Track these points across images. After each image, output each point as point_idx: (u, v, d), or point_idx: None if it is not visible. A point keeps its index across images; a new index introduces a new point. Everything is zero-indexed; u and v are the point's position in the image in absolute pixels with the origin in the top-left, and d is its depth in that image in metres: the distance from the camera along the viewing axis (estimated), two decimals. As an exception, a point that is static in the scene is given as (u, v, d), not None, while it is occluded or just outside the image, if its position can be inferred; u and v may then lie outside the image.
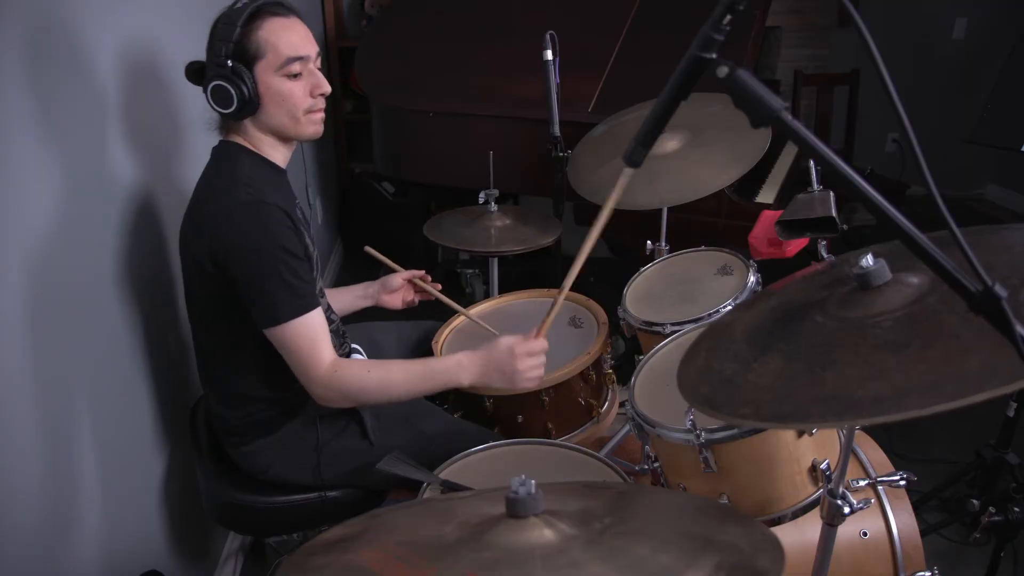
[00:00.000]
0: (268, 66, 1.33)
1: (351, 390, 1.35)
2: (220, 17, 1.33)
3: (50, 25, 1.28)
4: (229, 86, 1.30)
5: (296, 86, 1.36)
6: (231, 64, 1.30)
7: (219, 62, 1.30)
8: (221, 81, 1.30)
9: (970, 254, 0.62)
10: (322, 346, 1.34)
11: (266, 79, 1.33)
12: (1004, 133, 2.12)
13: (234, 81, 1.30)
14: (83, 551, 1.30)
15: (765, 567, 0.65)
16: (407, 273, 1.79)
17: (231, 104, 1.32)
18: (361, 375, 1.36)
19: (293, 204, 1.44)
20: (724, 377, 0.82)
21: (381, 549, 0.74)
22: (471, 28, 2.79)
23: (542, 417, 1.55)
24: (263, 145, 1.42)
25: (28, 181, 1.18)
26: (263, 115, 1.37)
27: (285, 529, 1.65)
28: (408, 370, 1.39)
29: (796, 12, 4.23)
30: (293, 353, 1.33)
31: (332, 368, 1.34)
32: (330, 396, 1.35)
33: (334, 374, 1.34)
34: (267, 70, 1.33)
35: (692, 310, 1.61)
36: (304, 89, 1.37)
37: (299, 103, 1.36)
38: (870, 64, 0.66)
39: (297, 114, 1.37)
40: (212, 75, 1.31)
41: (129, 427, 1.50)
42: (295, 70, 1.34)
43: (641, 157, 0.89)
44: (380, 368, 1.38)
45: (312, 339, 1.33)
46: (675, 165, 1.70)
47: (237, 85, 1.31)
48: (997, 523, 1.77)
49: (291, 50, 1.33)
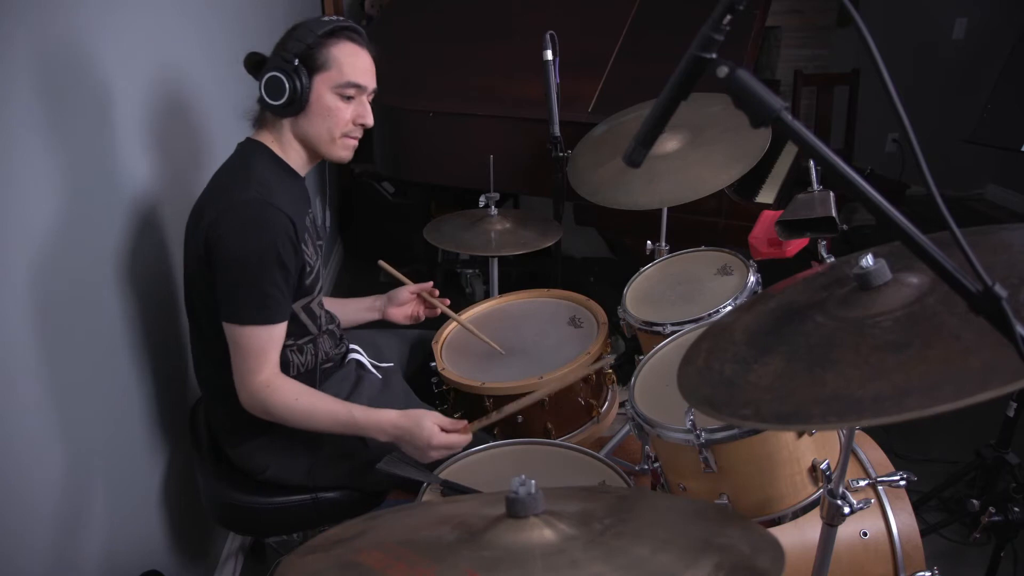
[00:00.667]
0: (328, 80, 1.37)
1: (275, 409, 1.36)
2: (303, 22, 1.38)
3: (58, 28, 1.28)
4: (286, 80, 1.34)
5: (345, 108, 1.40)
6: (297, 63, 1.34)
7: (286, 57, 1.35)
8: (280, 73, 1.35)
9: (970, 254, 0.62)
10: (268, 358, 1.35)
11: (321, 90, 1.38)
12: (1004, 133, 2.12)
13: (292, 77, 1.35)
14: (83, 551, 1.30)
15: (765, 567, 0.65)
16: (415, 287, 1.78)
17: (281, 97, 1.35)
18: (288, 401, 1.36)
19: (305, 211, 1.45)
20: (724, 377, 0.82)
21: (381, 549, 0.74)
22: (471, 28, 2.79)
23: (542, 417, 1.56)
24: (290, 150, 1.44)
25: (31, 183, 1.18)
26: (304, 121, 1.40)
27: (285, 529, 1.65)
28: (334, 413, 1.39)
29: (796, 12, 4.24)
30: (239, 355, 1.34)
31: (266, 382, 1.35)
32: (254, 407, 1.37)
33: (265, 388, 1.35)
34: (325, 83, 1.38)
35: (692, 310, 1.61)
36: (350, 113, 1.41)
37: (340, 123, 1.41)
38: (870, 64, 0.66)
39: (335, 133, 1.41)
40: (273, 66, 1.35)
41: (129, 427, 1.50)
42: (350, 93, 1.40)
43: (641, 157, 0.89)
44: (308, 400, 1.38)
45: (262, 350, 1.34)
46: (675, 165, 1.70)
47: (294, 81, 1.35)
48: (997, 523, 1.77)
49: (354, 75, 1.39)
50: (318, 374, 1.50)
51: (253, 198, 1.32)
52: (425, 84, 2.67)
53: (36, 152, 1.21)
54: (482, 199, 2.04)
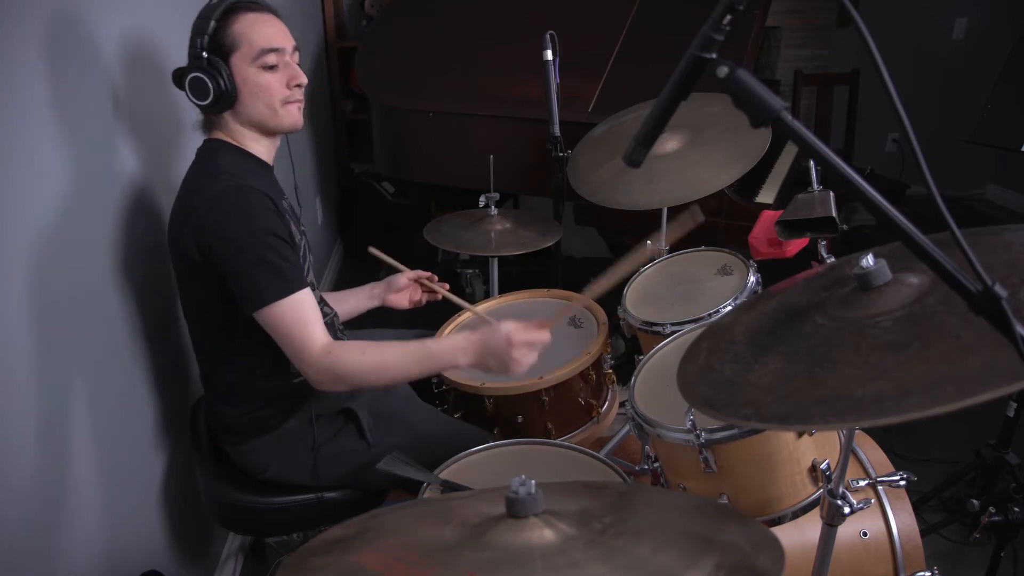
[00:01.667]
0: (243, 57, 1.35)
1: (347, 372, 1.31)
2: (199, 14, 1.35)
3: (57, 24, 1.28)
4: (205, 77, 1.32)
5: (272, 77, 1.37)
6: (207, 56, 1.32)
7: (195, 54, 1.32)
8: (198, 73, 1.32)
9: (970, 254, 0.62)
10: (313, 327, 1.31)
11: (242, 71, 1.35)
12: (1004, 133, 2.12)
13: (210, 72, 1.32)
14: (83, 551, 1.30)
15: (765, 567, 0.65)
16: (412, 273, 1.77)
17: (208, 96, 1.33)
18: (357, 358, 1.32)
19: (279, 196, 1.44)
20: (724, 378, 0.82)
21: (381, 549, 0.74)
22: (471, 28, 2.79)
23: (542, 417, 1.55)
24: (245, 139, 1.43)
25: (31, 182, 1.18)
26: (241, 107, 1.38)
27: (285, 529, 1.65)
28: (405, 352, 1.35)
29: (796, 12, 4.24)
30: (284, 336, 1.31)
31: (325, 350, 1.31)
32: (324, 379, 1.32)
33: (327, 355, 1.30)
34: (242, 62, 1.35)
35: (692, 310, 1.62)
36: (280, 80, 1.38)
37: (276, 94, 1.38)
38: (870, 64, 0.66)
39: (274, 105, 1.39)
40: (189, 68, 1.33)
41: (129, 427, 1.50)
42: (270, 61, 1.36)
43: (641, 157, 0.89)
44: (375, 350, 1.34)
45: (302, 320, 1.31)
46: (675, 165, 1.70)
47: (213, 76, 1.32)
48: (997, 523, 1.77)
49: (265, 42, 1.35)
50: None
51: (226, 186, 1.31)
52: (425, 84, 2.67)
53: (37, 152, 1.21)
54: (482, 199, 2.04)
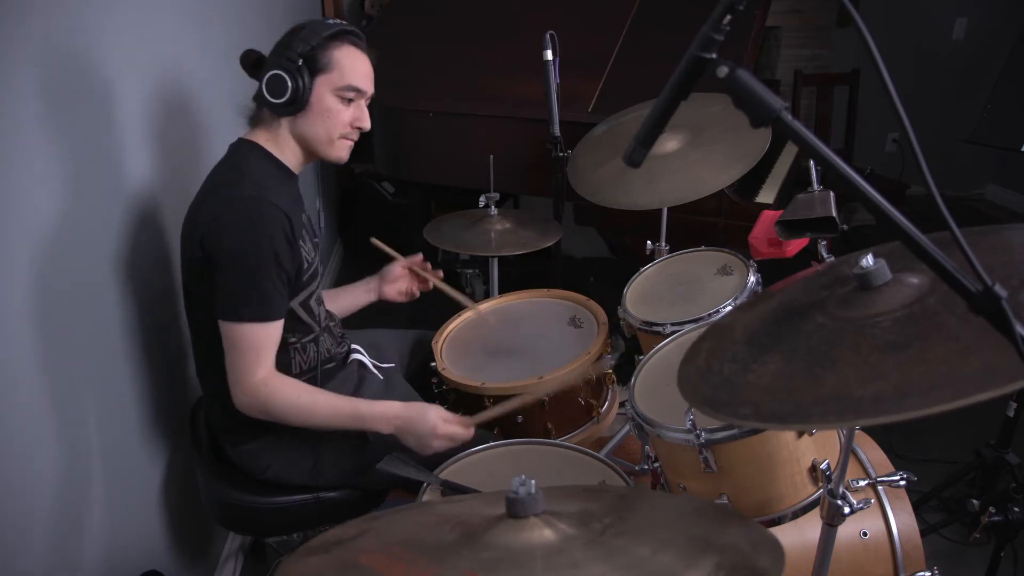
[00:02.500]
0: (329, 82, 1.38)
1: (275, 407, 1.35)
2: (307, 23, 1.39)
3: (60, 29, 1.28)
4: (289, 78, 1.35)
5: (344, 110, 1.41)
6: (300, 63, 1.35)
7: (290, 56, 1.35)
8: (284, 72, 1.35)
9: (970, 254, 0.62)
10: (265, 356, 1.35)
11: (322, 92, 1.39)
12: (1004, 133, 2.12)
13: (295, 76, 1.35)
14: (83, 551, 1.30)
15: (765, 567, 0.65)
16: (405, 260, 1.79)
17: (283, 95, 1.36)
18: (291, 399, 1.36)
19: (300, 209, 1.45)
20: (724, 377, 0.82)
21: (381, 549, 0.74)
22: (471, 28, 2.79)
23: (542, 417, 1.55)
24: (285, 149, 1.45)
25: (32, 184, 1.18)
26: (302, 121, 1.41)
27: (285, 529, 1.65)
28: (336, 408, 1.39)
29: (796, 12, 4.24)
30: (236, 354, 1.34)
31: (264, 381, 1.34)
32: (250, 406, 1.35)
33: (264, 387, 1.34)
34: (327, 85, 1.38)
35: (692, 310, 1.61)
36: (348, 116, 1.42)
37: (339, 125, 1.42)
38: (870, 64, 0.66)
39: (333, 134, 1.42)
40: (276, 65, 1.36)
41: (129, 427, 1.50)
42: (350, 96, 1.41)
43: (641, 157, 0.89)
44: (310, 396, 1.39)
45: (258, 347, 1.34)
46: (675, 165, 1.70)
47: (296, 81, 1.35)
48: (997, 523, 1.77)
49: (355, 79, 1.40)
50: (319, 373, 1.50)
51: (248, 195, 1.32)
52: (425, 84, 2.67)
53: (38, 152, 1.21)
54: (482, 199, 2.03)
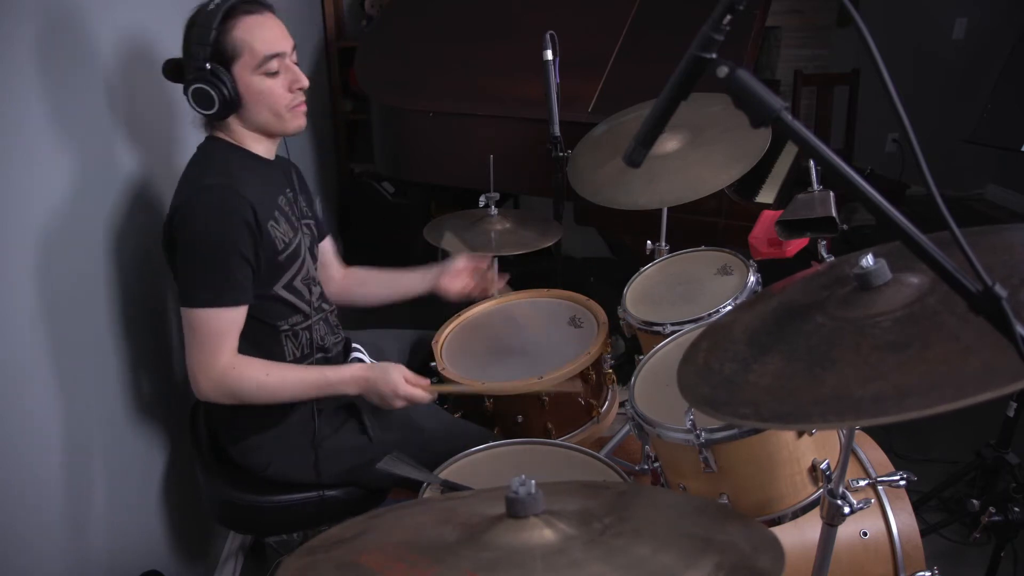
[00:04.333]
0: (246, 66, 1.35)
1: (243, 389, 1.35)
2: (194, 18, 1.34)
3: (55, 23, 1.28)
4: (210, 88, 1.32)
5: (275, 84, 1.38)
6: (209, 67, 1.32)
7: (198, 65, 1.31)
8: (201, 84, 1.32)
9: (970, 254, 0.62)
10: (228, 341, 1.34)
11: (245, 78, 1.35)
12: (1004, 133, 2.12)
13: (214, 83, 1.32)
14: (83, 551, 1.30)
15: (765, 567, 0.65)
16: (474, 257, 1.74)
17: (213, 106, 1.34)
18: (259, 377, 1.36)
19: (276, 194, 1.44)
20: (724, 377, 0.82)
21: (381, 549, 0.74)
22: (471, 28, 2.79)
23: (542, 417, 1.55)
24: (247, 140, 1.44)
25: (30, 180, 1.18)
26: (246, 113, 1.39)
27: (285, 529, 1.65)
28: (304, 378, 1.40)
29: (796, 12, 4.23)
30: (197, 341, 1.32)
31: (230, 365, 1.33)
32: (216, 392, 1.35)
33: (231, 370, 1.33)
34: (245, 69, 1.35)
35: (692, 310, 1.61)
36: (283, 85, 1.39)
37: (280, 100, 1.38)
38: (870, 64, 0.66)
39: (280, 111, 1.39)
40: (192, 78, 1.33)
41: (129, 426, 1.50)
42: (273, 68, 1.36)
43: (641, 157, 0.89)
44: (279, 372, 1.38)
45: (222, 333, 1.33)
46: (675, 165, 1.70)
47: (217, 87, 1.32)
48: (997, 523, 1.77)
49: (268, 48, 1.35)
50: (315, 363, 1.50)
51: (209, 184, 1.32)
52: (425, 84, 2.66)
53: (38, 150, 1.21)
54: (482, 199, 2.03)
